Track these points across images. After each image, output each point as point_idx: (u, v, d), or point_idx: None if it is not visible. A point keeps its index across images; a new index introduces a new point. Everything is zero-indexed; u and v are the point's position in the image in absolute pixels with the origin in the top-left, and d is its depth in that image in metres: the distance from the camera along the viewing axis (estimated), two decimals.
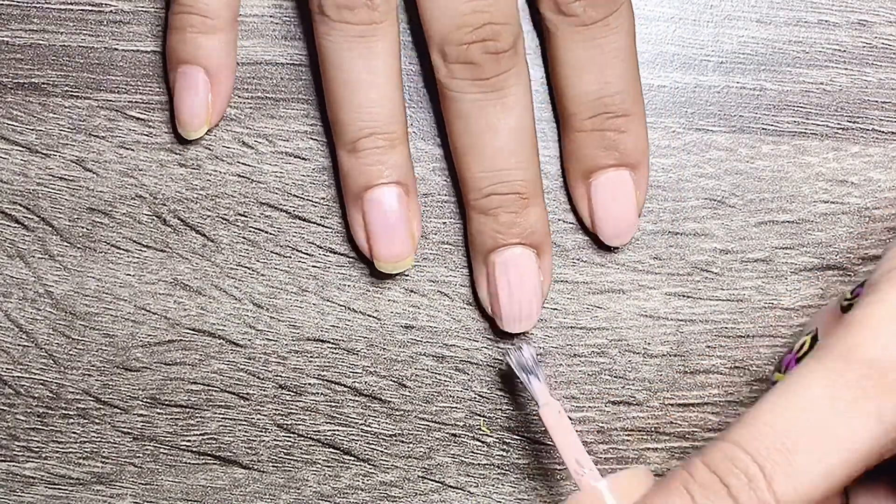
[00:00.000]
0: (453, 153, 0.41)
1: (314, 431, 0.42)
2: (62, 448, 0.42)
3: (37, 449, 0.42)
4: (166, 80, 0.42)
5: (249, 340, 0.42)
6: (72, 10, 0.43)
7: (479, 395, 0.42)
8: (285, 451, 0.42)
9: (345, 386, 0.42)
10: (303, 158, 0.42)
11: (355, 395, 0.42)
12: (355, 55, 0.39)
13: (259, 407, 0.42)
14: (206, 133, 0.42)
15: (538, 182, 0.41)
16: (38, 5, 0.43)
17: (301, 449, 0.42)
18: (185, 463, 0.42)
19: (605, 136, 0.40)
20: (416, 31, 0.42)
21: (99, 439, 0.42)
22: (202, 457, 0.42)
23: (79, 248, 0.42)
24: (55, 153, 0.43)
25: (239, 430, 0.42)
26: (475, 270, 0.41)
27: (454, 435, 0.42)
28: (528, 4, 0.42)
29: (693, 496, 0.33)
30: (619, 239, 0.41)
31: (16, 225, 0.42)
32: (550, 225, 0.42)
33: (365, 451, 0.42)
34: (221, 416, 0.42)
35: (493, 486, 0.42)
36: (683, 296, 0.42)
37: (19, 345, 0.42)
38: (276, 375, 0.42)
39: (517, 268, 0.40)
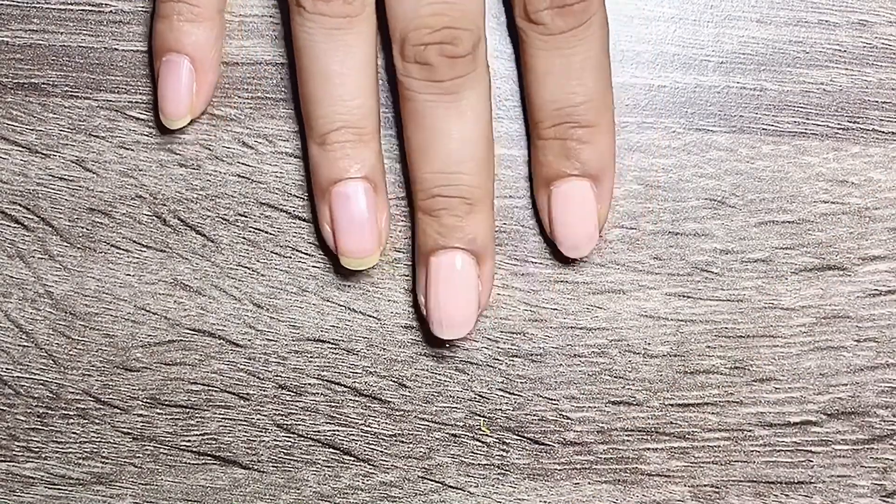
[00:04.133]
0: (406, 151, 0.41)
1: (314, 431, 0.42)
2: (62, 448, 0.42)
3: (36, 449, 0.42)
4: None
5: (249, 340, 0.42)
6: (72, 10, 0.43)
7: (479, 396, 0.42)
8: (285, 451, 0.42)
9: (345, 386, 0.42)
10: (302, 158, 0.42)
11: (355, 396, 0.42)
12: (330, 48, 0.39)
13: (259, 407, 0.42)
14: (197, 131, 0.42)
15: (487, 189, 0.40)
16: (37, 5, 0.43)
17: (301, 449, 0.42)
18: (185, 463, 0.42)
19: (566, 146, 0.40)
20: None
21: (99, 439, 0.42)
22: (202, 457, 0.42)
23: (79, 248, 0.42)
24: (55, 153, 0.43)
25: (239, 431, 0.42)
26: (417, 271, 0.41)
27: (454, 435, 0.42)
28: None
29: None
30: (577, 250, 0.41)
31: (16, 225, 0.42)
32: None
33: (365, 451, 0.42)
34: (221, 416, 0.42)
35: (493, 486, 0.42)
36: (683, 296, 0.42)
37: (19, 345, 0.42)
38: (276, 375, 0.42)
39: (454, 273, 0.40)
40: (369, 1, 0.40)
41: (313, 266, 0.42)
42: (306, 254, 0.42)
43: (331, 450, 0.42)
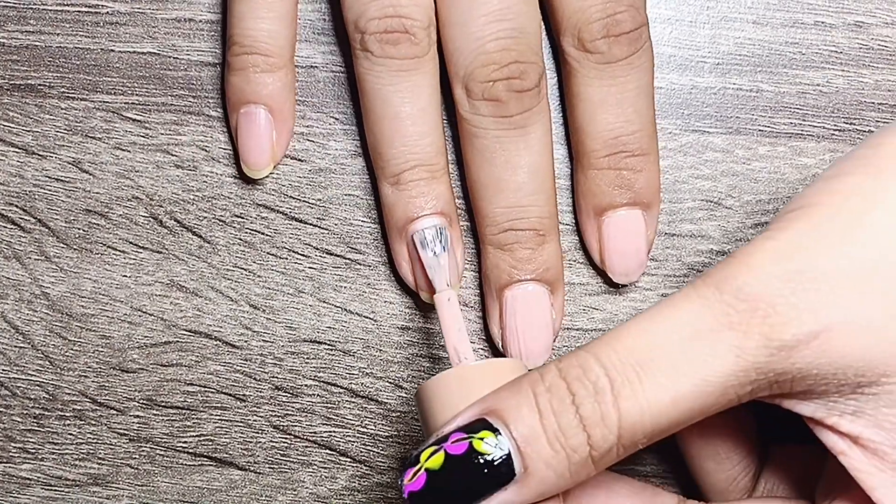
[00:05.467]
0: (471, 186, 0.41)
1: (310, 433, 0.42)
2: (58, 449, 0.42)
3: (33, 450, 0.42)
4: (161, 82, 0.43)
5: (246, 342, 0.42)
6: (68, 11, 0.43)
7: None
8: (282, 452, 0.42)
9: (341, 387, 0.42)
10: (299, 160, 0.43)
11: (351, 397, 0.42)
12: (399, 89, 0.40)
13: (255, 408, 0.42)
14: (194, 132, 0.42)
15: (555, 219, 0.41)
16: (34, 7, 0.43)
17: (297, 450, 0.42)
18: (182, 464, 0.42)
19: (621, 175, 0.40)
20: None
21: (95, 441, 0.42)
22: (198, 458, 0.42)
23: (75, 249, 0.42)
24: (52, 154, 0.43)
25: (235, 432, 0.42)
26: (488, 305, 0.41)
27: None
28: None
29: (537, 398, 0.32)
30: (628, 277, 0.41)
31: (12, 226, 0.43)
32: None
33: (361, 452, 0.42)
34: (218, 417, 0.42)
35: None
36: None
37: (16, 346, 0.42)
38: (273, 377, 0.42)
39: (530, 304, 0.40)
40: (433, 39, 0.40)
41: (309, 267, 0.42)
42: (302, 255, 0.42)
43: (327, 451, 0.42)
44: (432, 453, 0.33)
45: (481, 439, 0.32)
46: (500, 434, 0.32)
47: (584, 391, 0.32)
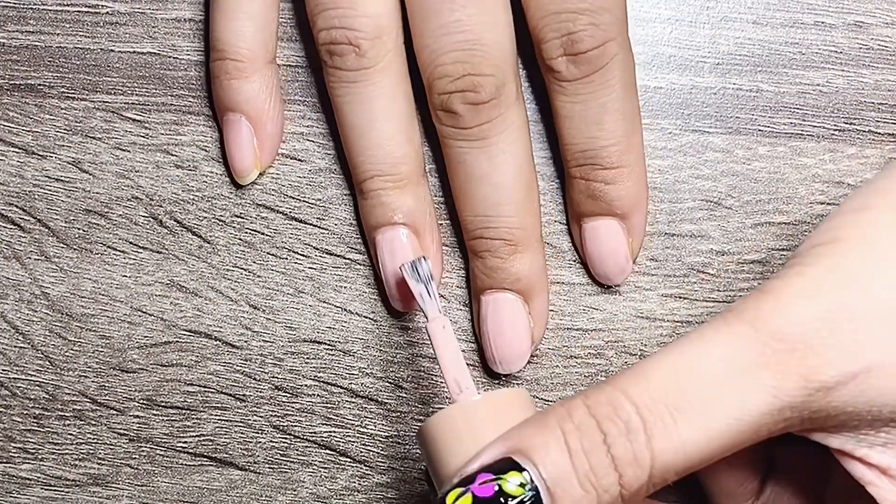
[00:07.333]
0: (452, 192, 0.41)
1: (310, 433, 0.42)
2: (58, 449, 0.42)
3: (33, 450, 0.42)
4: (161, 82, 0.43)
5: (246, 342, 0.42)
6: (68, 11, 0.43)
7: None
8: (281, 452, 0.42)
9: (341, 387, 0.42)
10: (299, 160, 0.43)
11: (351, 397, 0.42)
12: (349, 101, 0.40)
13: (255, 408, 0.42)
14: (193, 132, 0.42)
15: (530, 229, 0.40)
16: (34, 7, 0.43)
17: (297, 450, 0.42)
18: (182, 464, 0.42)
19: (591, 187, 0.40)
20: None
21: (95, 441, 0.42)
22: (198, 458, 0.42)
23: (75, 249, 0.42)
24: (51, 154, 0.43)
25: (235, 432, 0.42)
26: (473, 307, 0.42)
27: None
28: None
29: (566, 437, 0.32)
30: (610, 280, 0.41)
31: (12, 226, 0.43)
32: (545, 227, 0.42)
33: (361, 452, 0.42)
34: (218, 417, 0.42)
35: None
36: (680, 297, 0.42)
37: (15, 346, 0.42)
38: (273, 377, 0.42)
39: (501, 311, 0.40)
40: (388, 48, 0.39)
41: (309, 267, 0.42)
42: (302, 255, 0.42)
43: (327, 451, 0.42)
44: (459, 496, 0.32)
45: (509, 480, 0.32)
46: (527, 473, 0.31)
47: (615, 430, 0.31)
